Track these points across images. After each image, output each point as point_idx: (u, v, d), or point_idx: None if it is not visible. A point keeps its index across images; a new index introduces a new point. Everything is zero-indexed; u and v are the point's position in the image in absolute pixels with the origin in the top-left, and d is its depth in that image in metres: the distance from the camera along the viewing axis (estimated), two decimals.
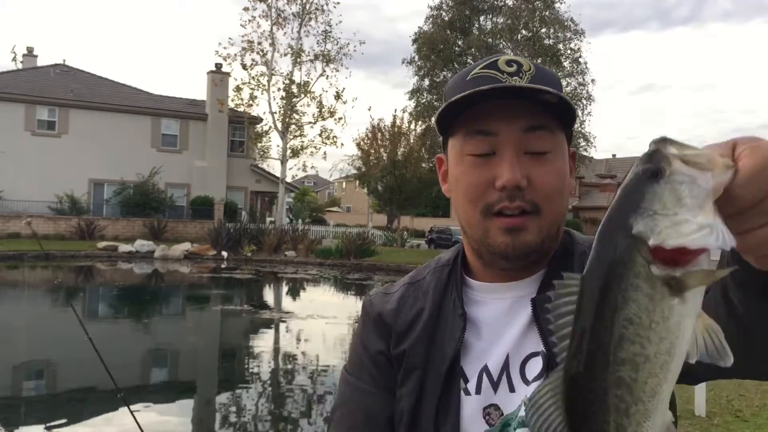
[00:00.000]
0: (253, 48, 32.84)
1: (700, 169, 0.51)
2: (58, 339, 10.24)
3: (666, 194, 0.51)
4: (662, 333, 0.52)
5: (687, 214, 0.50)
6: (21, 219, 29.52)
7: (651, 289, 0.52)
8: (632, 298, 0.52)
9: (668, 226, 0.50)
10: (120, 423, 6.49)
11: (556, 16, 31.68)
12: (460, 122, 0.94)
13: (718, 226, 0.50)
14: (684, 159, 0.51)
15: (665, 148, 0.51)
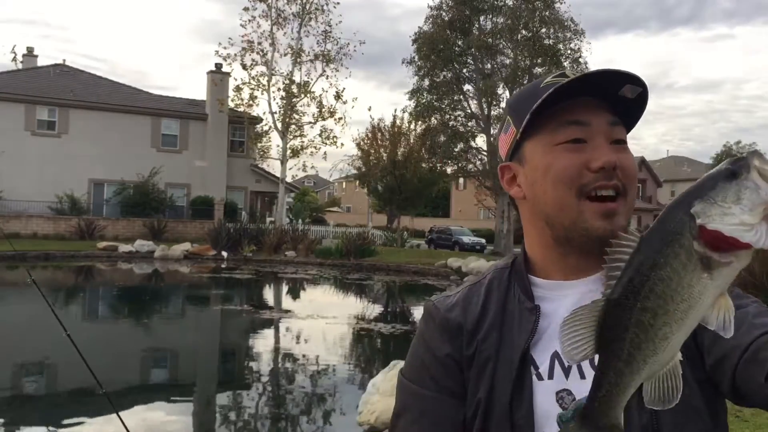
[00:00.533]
0: (253, 48, 32.85)
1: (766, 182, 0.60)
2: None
3: (730, 192, 0.60)
4: (684, 296, 0.64)
5: (737, 210, 0.59)
6: (21, 219, 29.58)
7: (687, 260, 0.63)
8: (670, 263, 0.64)
9: (718, 213, 0.60)
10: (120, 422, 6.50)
11: (556, 16, 31.66)
12: (546, 119, 0.98)
13: (761, 228, 0.60)
14: (762, 172, 0.60)
15: (752, 159, 0.61)
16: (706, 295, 0.64)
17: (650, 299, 0.65)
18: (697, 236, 0.62)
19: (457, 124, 33.76)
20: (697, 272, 0.63)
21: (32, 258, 23.90)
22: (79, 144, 32.33)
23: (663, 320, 0.65)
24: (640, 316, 0.66)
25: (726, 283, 0.64)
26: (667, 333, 0.66)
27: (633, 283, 0.66)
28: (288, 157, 33.78)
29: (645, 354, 0.67)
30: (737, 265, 0.63)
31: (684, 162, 72.98)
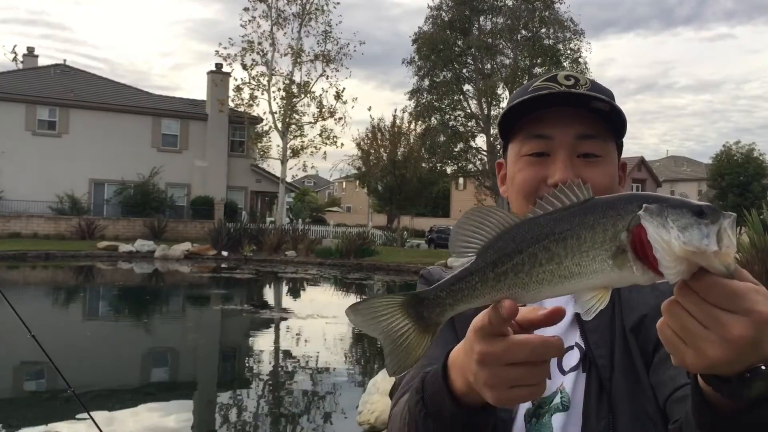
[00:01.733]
0: (254, 48, 32.86)
1: (714, 240, 0.60)
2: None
3: (685, 220, 0.60)
4: (582, 263, 0.65)
5: (675, 234, 0.60)
6: (21, 219, 29.59)
7: (609, 239, 0.64)
8: (596, 230, 0.65)
9: (660, 223, 0.61)
10: (120, 422, 6.51)
11: (556, 16, 31.66)
12: (519, 128, 1.02)
13: (680, 266, 0.60)
14: (721, 232, 0.60)
15: (725, 218, 0.61)
16: (597, 278, 0.65)
17: (557, 244, 0.66)
18: (631, 228, 0.63)
19: (457, 124, 33.77)
20: (607, 254, 0.64)
21: (32, 258, 23.92)
22: (80, 144, 32.33)
23: (550, 268, 0.66)
24: (539, 251, 0.67)
25: (619, 282, 0.65)
26: (544, 279, 0.67)
27: (556, 224, 0.67)
28: (288, 157, 33.79)
29: (515, 281, 0.68)
30: (639, 276, 0.63)
31: (683, 162, 72.96)
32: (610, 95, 1.04)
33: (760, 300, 0.60)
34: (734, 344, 0.60)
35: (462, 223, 0.71)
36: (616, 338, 0.97)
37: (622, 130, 1.03)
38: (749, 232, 11.80)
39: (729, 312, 0.60)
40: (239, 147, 36.41)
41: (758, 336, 0.60)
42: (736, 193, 50.00)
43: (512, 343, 0.72)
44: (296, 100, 33.56)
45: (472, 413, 0.83)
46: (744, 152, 52.15)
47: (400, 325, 0.74)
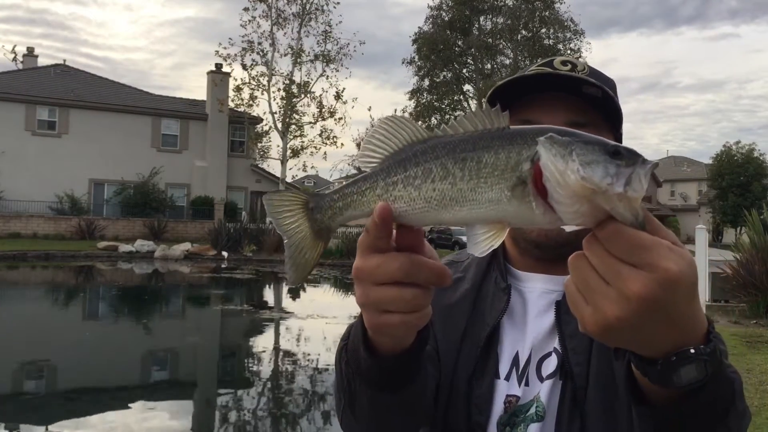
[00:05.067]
0: (254, 48, 32.87)
1: (624, 186, 0.54)
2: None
3: (592, 160, 0.55)
4: (476, 188, 0.60)
5: (573, 167, 0.55)
6: (21, 219, 29.59)
7: (508, 168, 0.59)
8: (496, 157, 0.60)
9: (555, 155, 0.56)
10: (120, 422, 6.51)
11: (556, 16, 31.70)
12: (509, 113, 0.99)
13: (572, 206, 0.55)
14: (630, 174, 0.55)
15: (638, 166, 0.55)
16: (491, 208, 0.60)
17: (455, 164, 0.61)
18: (536, 160, 0.58)
19: None
20: (506, 183, 0.59)
21: (32, 258, 23.92)
22: (80, 144, 32.33)
23: (442, 186, 0.62)
24: (435, 168, 0.62)
25: (517, 219, 0.60)
26: (433, 198, 0.62)
27: (459, 144, 0.62)
28: (288, 157, 33.80)
29: (403, 193, 0.64)
30: (539, 215, 0.58)
31: (684, 162, 72.96)
32: (611, 84, 1.00)
33: (669, 256, 0.54)
34: (633, 302, 0.54)
35: (372, 133, 0.67)
36: (595, 344, 0.91)
37: (617, 121, 0.98)
38: (749, 232, 11.81)
39: (631, 266, 0.54)
40: (239, 147, 36.41)
41: (661, 296, 0.54)
42: (736, 193, 49.99)
43: (384, 259, 0.65)
44: (296, 100, 33.57)
45: (382, 359, 0.76)
46: (744, 152, 52.14)
47: (297, 223, 0.70)
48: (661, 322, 0.56)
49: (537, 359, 0.97)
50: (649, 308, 0.54)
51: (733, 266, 11.34)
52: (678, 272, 0.54)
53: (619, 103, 0.97)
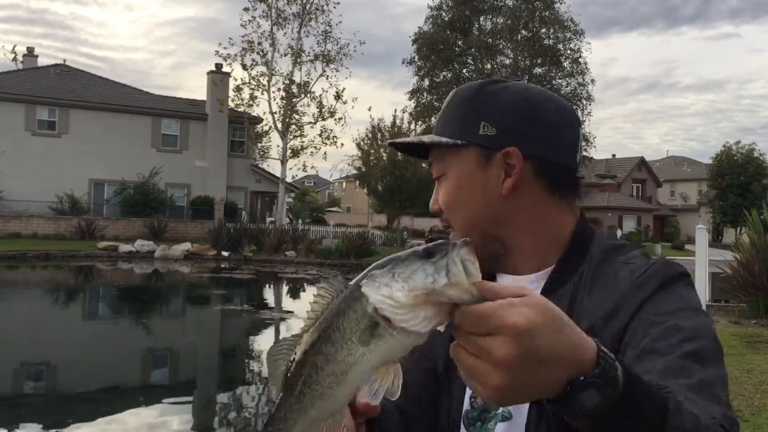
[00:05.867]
0: (254, 48, 32.87)
1: (446, 275, 0.59)
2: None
3: (409, 269, 0.61)
4: (350, 350, 0.64)
5: (396, 287, 0.60)
6: (21, 219, 29.59)
7: (360, 319, 0.63)
8: (345, 317, 0.64)
9: (378, 287, 0.61)
10: (121, 422, 6.51)
11: (556, 16, 31.68)
12: None
13: (420, 313, 0.60)
14: (449, 264, 0.60)
15: (454, 251, 0.60)
16: (369, 357, 0.63)
17: (327, 345, 0.66)
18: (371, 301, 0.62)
19: None
20: (366, 332, 0.63)
21: (32, 258, 23.92)
22: (80, 144, 32.33)
23: (331, 368, 0.66)
24: (316, 357, 0.67)
25: (391, 353, 0.63)
26: (332, 382, 0.66)
27: (321, 324, 0.67)
28: (288, 157, 33.80)
29: (313, 395, 0.68)
30: (406, 339, 0.62)
31: (684, 162, 72.98)
32: (460, 112, 0.99)
33: (511, 312, 0.58)
34: (503, 367, 0.58)
35: (269, 357, 0.75)
36: None
37: (472, 127, 0.97)
38: (749, 232, 11.81)
39: (488, 336, 0.58)
40: (239, 147, 36.40)
41: (523, 350, 0.57)
42: (736, 193, 50.00)
43: None
44: (296, 100, 33.57)
45: None
46: (744, 152, 52.16)
47: None
48: (539, 369, 0.58)
49: None
50: (520, 364, 0.57)
51: (733, 266, 11.34)
52: (526, 321, 0.57)
53: (463, 108, 0.98)
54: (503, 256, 0.98)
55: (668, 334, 0.80)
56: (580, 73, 31.77)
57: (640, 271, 0.88)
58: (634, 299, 0.86)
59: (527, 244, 0.97)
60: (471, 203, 0.97)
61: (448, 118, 1.00)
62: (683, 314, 0.83)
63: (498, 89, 0.97)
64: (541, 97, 0.98)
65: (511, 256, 0.98)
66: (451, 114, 1.00)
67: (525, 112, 0.95)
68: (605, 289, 0.89)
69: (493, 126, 0.95)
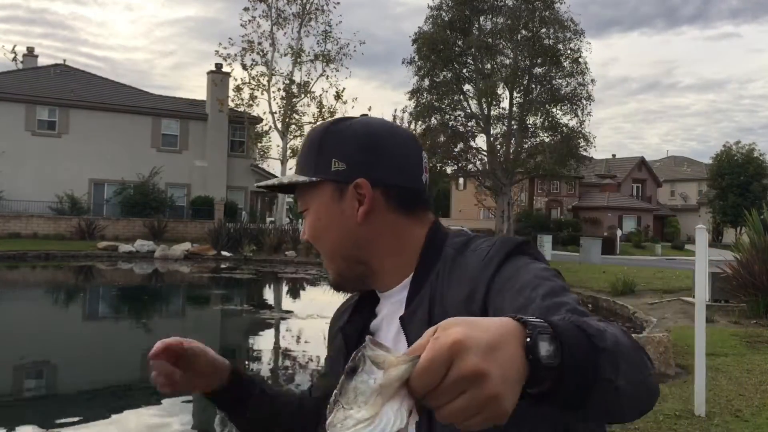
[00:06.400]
0: (254, 48, 32.89)
1: (378, 368, 0.61)
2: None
3: (350, 391, 0.61)
4: None
5: (354, 410, 0.61)
6: (21, 219, 29.60)
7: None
8: None
9: (341, 419, 0.61)
10: (121, 422, 6.51)
11: (556, 16, 31.66)
12: None
13: (384, 416, 0.60)
14: (374, 360, 0.61)
15: (365, 350, 0.62)
16: None
17: None
18: None
19: (457, 124, 33.77)
20: None
21: (32, 258, 23.92)
22: (80, 144, 32.34)
23: None
24: None
25: None
26: None
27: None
28: (288, 157, 33.80)
29: None
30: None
31: (684, 162, 73.00)
32: (311, 152, 1.09)
33: (443, 340, 0.61)
34: (482, 374, 0.60)
35: None
36: None
37: (325, 165, 1.07)
38: (749, 232, 11.82)
39: (447, 374, 0.60)
40: (239, 147, 36.42)
41: (477, 349, 0.61)
42: (736, 193, 50.02)
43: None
44: (296, 100, 33.60)
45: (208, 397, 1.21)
46: (744, 152, 52.17)
47: None
48: (499, 354, 0.62)
49: None
50: (488, 363, 0.61)
51: (733, 266, 11.34)
52: (457, 334, 0.61)
53: (310, 154, 1.09)
54: (369, 275, 1.10)
55: (523, 291, 0.90)
56: (580, 73, 31.74)
57: (484, 253, 0.99)
58: (484, 278, 0.95)
59: (388, 261, 1.08)
60: (331, 233, 1.09)
61: (304, 157, 1.11)
62: (527, 272, 0.94)
63: (343, 128, 1.08)
64: (382, 129, 1.09)
65: (377, 274, 1.10)
66: (305, 154, 1.11)
67: (369, 146, 1.06)
68: (460, 278, 0.99)
69: (342, 161, 1.06)
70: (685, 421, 5.11)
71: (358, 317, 1.16)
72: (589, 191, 56.54)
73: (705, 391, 5.41)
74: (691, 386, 5.65)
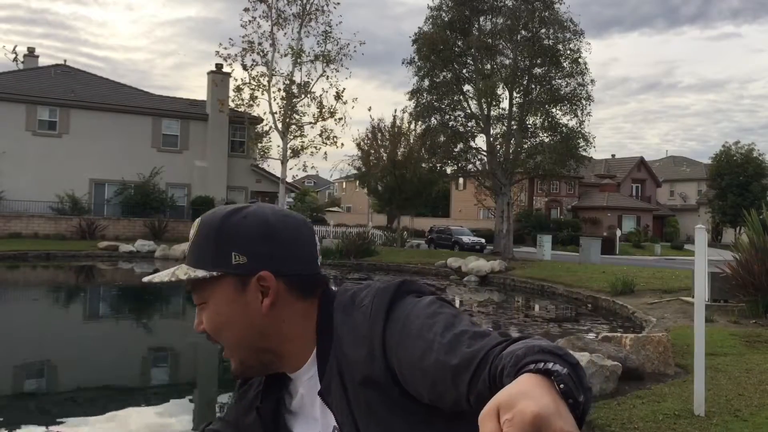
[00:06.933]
0: (254, 48, 32.82)
1: None
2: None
3: None
4: None
5: None
6: (22, 219, 29.61)
7: None
8: None
9: None
10: (121, 422, 6.53)
11: (556, 16, 31.65)
12: None
13: None
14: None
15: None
16: None
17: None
18: None
19: (456, 124, 33.74)
20: None
21: (33, 258, 23.93)
22: (80, 144, 32.34)
23: None
24: None
25: None
26: None
27: None
28: (288, 157, 33.76)
29: None
30: None
31: (683, 162, 72.98)
32: (209, 240, 1.08)
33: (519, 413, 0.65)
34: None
35: None
36: (353, 408, 1.01)
37: (225, 258, 1.06)
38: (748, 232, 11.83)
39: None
40: (239, 147, 36.43)
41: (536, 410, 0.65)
42: (736, 193, 50.01)
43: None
44: (296, 101, 33.54)
45: None
46: (743, 152, 52.15)
47: None
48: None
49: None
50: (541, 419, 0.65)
51: (733, 266, 11.36)
52: (529, 406, 0.65)
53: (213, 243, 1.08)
54: (275, 361, 1.10)
55: (421, 335, 0.91)
56: (579, 74, 31.68)
57: (368, 310, 1.00)
58: (376, 335, 0.97)
59: (294, 345, 1.08)
60: (235, 325, 1.07)
61: (199, 250, 1.08)
62: (416, 315, 0.95)
63: (239, 219, 1.07)
64: (275, 219, 1.08)
65: (284, 358, 1.10)
66: (200, 247, 1.08)
67: (266, 237, 1.06)
68: (355, 339, 1.00)
69: (242, 254, 1.05)
70: (684, 421, 5.13)
71: (272, 396, 1.16)
72: (589, 191, 56.55)
73: (704, 390, 5.43)
74: (691, 386, 5.67)
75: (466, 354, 0.85)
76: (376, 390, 0.97)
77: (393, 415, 0.96)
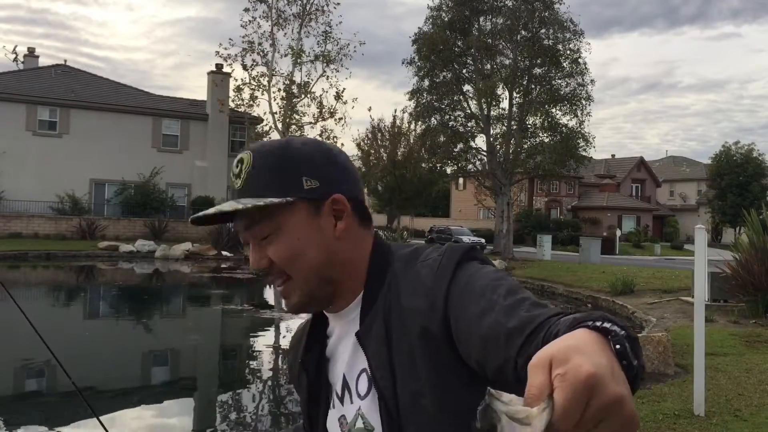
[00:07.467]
0: (254, 49, 32.86)
1: (522, 424, 0.59)
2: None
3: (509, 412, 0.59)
4: None
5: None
6: (22, 219, 29.62)
7: None
8: None
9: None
10: (121, 422, 6.53)
11: (556, 16, 31.66)
12: None
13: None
14: (509, 415, 0.59)
15: (495, 404, 0.60)
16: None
17: None
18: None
19: (456, 124, 33.77)
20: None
21: (33, 258, 23.95)
22: (80, 144, 32.36)
23: None
24: None
25: None
26: None
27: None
28: None
29: None
30: None
31: (683, 162, 72.99)
32: (271, 166, 1.06)
33: (569, 376, 0.61)
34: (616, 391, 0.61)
35: None
36: (394, 356, 1.00)
37: (296, 183, 1.05)
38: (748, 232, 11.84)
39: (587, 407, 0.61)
40: (240, 147, 36.40)
41: (596, 372, 0.61)
42: (736, 193, 50.03)
43: None
44: (296, 101, 33.58)
45: None
46: (743, 152, 52.16)
47: None
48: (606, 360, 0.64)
49: (354, 380, 1.08)
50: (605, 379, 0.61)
51: (732, 266, 11.37)
52: (585, 364, 0.61)
53: (269, 174, 1.05)
54: (334, 295, 1.09)
55: (483, 294, 0.91)
56: (579, 74, 31.71)
57: (437, 264, 1.00)
58: (441, 288, 0.96)
59: (349, 278, 1.08)
60: (310, 251, 1.05)
61: (262, 178, 1.05)
62: (482, 277, 0.95)
63: (300, 146, 1.07)
64: (331, 145, 1.11)
65: (340, 292, 1.09)
66: (264, 175, 1.05)
67: (330, 160, 1.07)
68: (416, 290, 0.99)
69: (314, 178, 1.04)
70: (684, 421, 5.14)
71: (315, 345, 1.15)
72: (589, 191, 56.56)
73: (704, 390, 5.43)
74: (691, 386, 5.67)
75: (524, 318, 0.84)
76: (429, 343, 0.97)
77: (433, 372, 0.97)
